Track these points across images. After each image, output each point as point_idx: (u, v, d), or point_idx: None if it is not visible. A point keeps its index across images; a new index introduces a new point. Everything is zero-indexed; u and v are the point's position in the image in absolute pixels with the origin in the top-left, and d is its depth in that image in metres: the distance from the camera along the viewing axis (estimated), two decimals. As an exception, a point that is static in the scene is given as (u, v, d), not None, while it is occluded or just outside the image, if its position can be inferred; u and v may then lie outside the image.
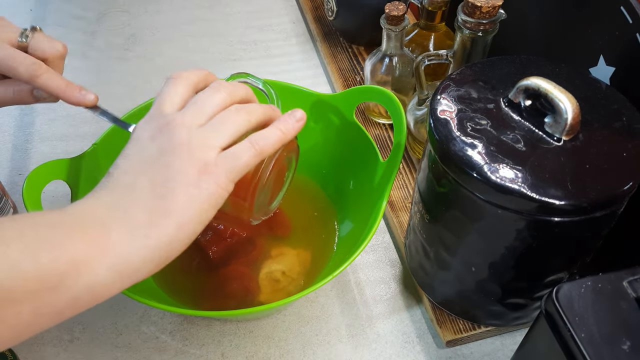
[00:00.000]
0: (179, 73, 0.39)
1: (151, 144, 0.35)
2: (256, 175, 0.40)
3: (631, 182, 0.36)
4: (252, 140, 0.36)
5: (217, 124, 0.36)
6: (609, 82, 0.47)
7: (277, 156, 0.41)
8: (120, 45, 0.86)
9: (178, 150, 0.34)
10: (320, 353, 0.52)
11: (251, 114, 0.38)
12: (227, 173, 0.35)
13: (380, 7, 0.61)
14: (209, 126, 0.36)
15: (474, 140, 0.38)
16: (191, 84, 0.39)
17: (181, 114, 0.36)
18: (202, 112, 0.36)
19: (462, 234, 0.43)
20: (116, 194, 0.33)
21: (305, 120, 0.40)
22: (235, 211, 0.42)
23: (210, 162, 0.34)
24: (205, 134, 0.35)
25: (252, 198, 0.40)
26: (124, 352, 0.52)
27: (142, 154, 0.35)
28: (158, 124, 0.35)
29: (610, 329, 0.31)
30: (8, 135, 0.72)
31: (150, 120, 0.36)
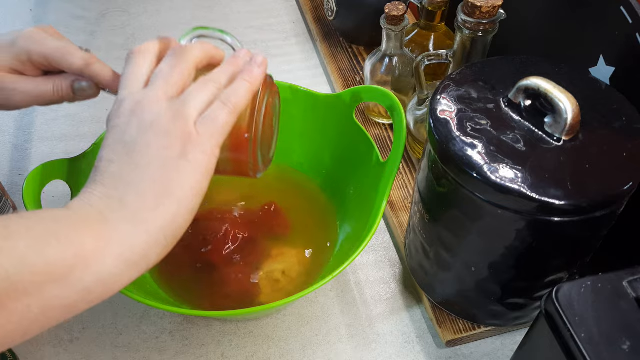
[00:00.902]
0: (137, 47, 0.38)
1: (128, 128, 0.34)
2: (250, 130, 0.39)
3: (631, 182, 0.36)
4: (222, 99, 0.36)
5: (189, 95, 0.36)
6: (609, 82, 0.47)
7: (265, 103, 0.40)
8: (120, 45, 0.86)
9: (155, 126, 0.34)
10: (320, 353, 0.52)
11: (218, 81, 0.37)
12: (209, 138, 0.34)
13: (380, 7, 0.61)
14: (181, 99, 0.35)
15: (474, 140, 0.38)
16: (153, 56, 0.38)
17: (149, 90, 0.35)
18: (168, 83, 0.36)
19: (462, 234, 0.43)
20: (108, 185, 0.33)
21: (266, 63, 0.40)
22: (238, 170, 0.41)
23: (191, 132, 0.34)
24: (178, 106, 0.35)
25: (254, 153, 0.40)
26: (124, 352, 0.52)
27: (122, 140, 0.34)
28: (129, 105, 0.35)
29: (610, 329, 0.31)
30: (8, 135, 0.72)
31: (121, 104, 0.35)
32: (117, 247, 0.31)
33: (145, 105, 0.34)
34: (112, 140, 0.34)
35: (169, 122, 0.34)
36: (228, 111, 0.36)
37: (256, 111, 0.40)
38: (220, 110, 0.35)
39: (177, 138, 0.33)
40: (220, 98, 0.36)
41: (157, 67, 0.37)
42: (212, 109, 0.35)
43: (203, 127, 0.34)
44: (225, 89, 0.37)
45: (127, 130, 0.34)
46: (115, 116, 0.35)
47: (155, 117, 0.34)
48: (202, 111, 0.35)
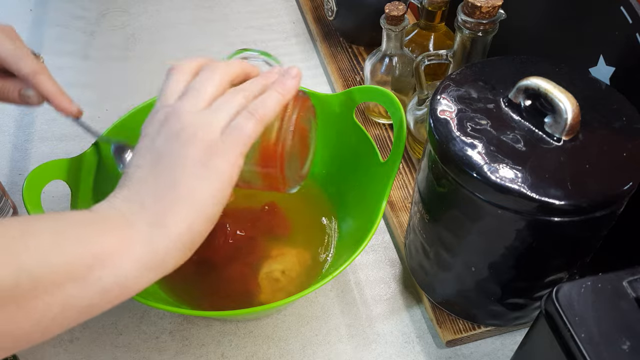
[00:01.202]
0: (177, 64, 0.39)
1: (158, 136, 0.35)
2: (279, 142, 0.39)
3: (631, 182, 0.36)
4: (250, 109, 0.36)
5: (218, 106, 0.36)
6: (609, 82, 0.47)
7: (294, 119, 0.40)
8: (120, 45, 0.86)
9: (182, 135, 0.34)
10: (320, 353, 0.52)
11: (248, 90, 0.38)
12: (233, 147, 0.35)
13: (380, 7, 0.61)
14: (209, 109, 0.36)
15: (474, 140, 0.38)
16: (190, 73, 0.39)
17: (181, 101, 0.36)
18: (199, 96, 0.36)
19: (462, 234, 0.43)
20: (132, 189, 0.34)
21: (301, 76, 0.40)
22: (268, 185, 0.41)
23: (215, 140, 0.34)
24: (206, 116, 0.35)
25: (281, 167, 0.40)
26: (124, 352, 0.52)
27: (151, 147, 0.35)
28: (162, 115, 0.36)
29: (610, 329, 0.31)
30: (8, 135, 0.72)
31: (155, 114, 0.37)
32: (137, 250, 0.31)
33: (175, 115, 0.35)
34: (142, 148, 0.36)
35: (195, 131, 0.34)
36: (254, 121, 0.36)
37: (284, 124, 0.39)
38: (246, 120, 0.36)
39: (201, 146, 0.34)
40: (248, 108, 0.36)
41: (191, 82, 0.38)
42: (239, 118, 0.36)
43: (228, 136, 0.35)
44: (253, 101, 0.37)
45: (156, 138, 0.35)
46: (148, 124, 0.37)
47: (183, 126, 0.35)
48: (229, 121, 0.36)
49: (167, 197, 0.33)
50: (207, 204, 0.34)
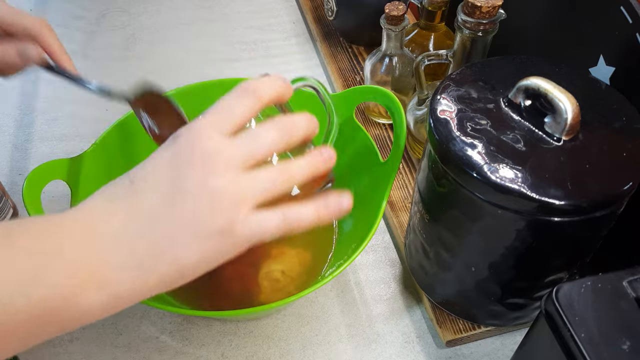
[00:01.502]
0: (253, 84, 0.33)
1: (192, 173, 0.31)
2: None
3: (631, 182, 0.36)
4: (285, 213, 0.32)
5: (259, 177, 0.31)
6: (609, 82, 0.47)
7: None
8: (120, 45, 0.86)
9: (212, 195, 0.30)
10: (320, 353, 0.52)
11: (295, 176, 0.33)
12: (248, 238, 0.32)
13: (380, 7, 0.61)
14: (251, 177, 0.31)
15: (474, 140, 0.38)
16: (261, 104, 0.33)
17: (232, 147, 0.31)
18: (251, 153, 0.31)
19: (462, 234, 0.43)
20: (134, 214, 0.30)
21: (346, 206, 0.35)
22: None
23: (237, 222, 0.31)
24: (244, 185, 0.31)
25: None
26: (124, 352, 0.52)
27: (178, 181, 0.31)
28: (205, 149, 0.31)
29: (610, 329, 0.31)
30: (8, 135, 0.72)
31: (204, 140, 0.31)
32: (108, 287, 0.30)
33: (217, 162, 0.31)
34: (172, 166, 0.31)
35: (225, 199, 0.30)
36: (280, 229, 0.32)
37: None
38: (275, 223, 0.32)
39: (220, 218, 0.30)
40: (284, 211, 0.32)
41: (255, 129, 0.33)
42: (269, 216, 0.32)
43: (250, 224, 0.31)
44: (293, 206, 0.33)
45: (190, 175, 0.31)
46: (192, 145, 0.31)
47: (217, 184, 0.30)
48: (258, 200, 0.31)
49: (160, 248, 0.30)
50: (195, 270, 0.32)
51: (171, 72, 0.81)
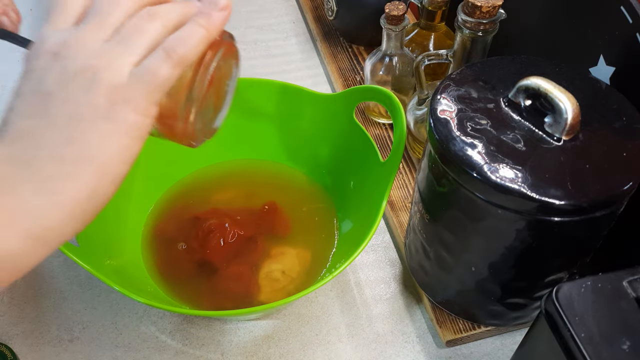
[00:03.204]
0: None
1: (47, 75, 0.28)
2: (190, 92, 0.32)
3: (631, 182, 0.36)
4: (167, 47, 0.29)
5: (126, 37, 0.29)
6: (609, 82, 0.47)
7: (212, 67, 0.33)
8: (120, 45, 0.86)
9: (80, 77, 0.28)
10: (320, 353, 0.52)
11: (165, 17, 0.30)
12: (145, 95, 0.28)
13: (380, 7, 0.61)
14: (115, 41, 0.29)
15: (474, 140, 0.38)
16: None
17: (80, 30, 0.29)
18: (104, 22, 0.29)
19: (462, 234, 0.43)
20: (16, 145, 0.27)
21: (230, 7, 0.32)
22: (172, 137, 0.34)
23: (122, 85, 0.28)
24: (112, 51, 0.28)
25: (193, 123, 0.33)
26: (124, 351, 0.52)
27: (38, 90, 0.28)
28: (53, 45, 0.28)
29: (610, 329, 0.31)
30: (8, 135, 0.72)
31: (43, 42, 0.29)
32: (23, 222, 0.26)
33: (71, 48, 0.28)
34: (27, 88, 0.29)
35: (96, 72, 0.28)
36: (171, 64, 0.29)
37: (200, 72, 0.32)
38: (162, 62, 0.29)
39: (104, 92, 0.28)
40: (163, 45, 0.29)
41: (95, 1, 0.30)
42: (152, 58, 0.29)
43: (138, 80, 0.28)
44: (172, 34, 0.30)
45: (46, 77, 0.28)
46: (34, 57, 0.29)
47: (81, 65, 0.28)
48: (140, 59, 0.29)
49: (62, 156, 0.27)
50: (112, 163, 0.28)
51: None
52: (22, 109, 0.28)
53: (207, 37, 0.30)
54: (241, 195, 0.60)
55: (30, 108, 0.28)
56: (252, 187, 0.61)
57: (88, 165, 0.27)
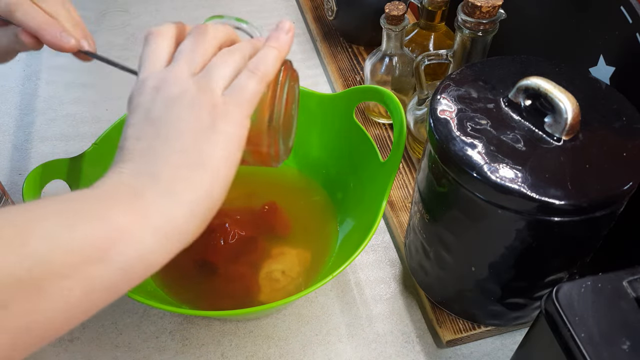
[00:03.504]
0: (155, 28, 0.36)
1: (153, 105, 0.33)
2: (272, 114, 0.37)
3: (631, 182, 0.36)
4: (250, 67, 0.35)
5: (213, 68, 0.34)
6: (609, 82, 0.47)
7: (286, 86, 0.38)
8: (120, 45, 0.86)
9: (183, 99, 0.33)
10: (320, 353, 0.52)
11: (243, 50, 0.36)
12: (238, 108, 0.33)
13: (380, 7, 0.61)
14: (205, 72, 0.34)
15: (474, 140, 0.38)
16: (172, 37, 0.37)
17: (172, 67, 0.34)
18: (191, 60, 0.34)
19: (462, 234, 0.43)
20: (136, 161, 0.32)
21: (293, 29, 0.38)
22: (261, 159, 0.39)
23: (218, 103, 0.33)
24: (204, 79, 0.34)
25: (276, 141, 0.38)
26: (124, 351, 0.52)
27: (148, 117, 0.33)
28: (152, 83, 0.34)
29: (610, 329, 0.31)
30: (8, 135, 0.72)
31: (144, 83, 0.34)
32: (154, 220, 0.29)
33: (169, 80, 0.33)
34: (137, 119, 0.33)
35: (195, 95, 0.33)
36: (256, 80, 0.34)
37: (277, 94, 0.37)
38: (247, 79, 0.34)
39: (205, 110, 0.32)
40: (247, 66, 0.35)
41: (180, 46, 0.36)
42: (239, 78, 0.34)
43: (230, 97, 0.33)
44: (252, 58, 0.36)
45: (153, 107, 0.33)
46: (137, 94, 0.34)
47: (182, 90, 0.33)
48: (228, 82, 0.34)
49: (179, 164, 0.31)
50: (223, 168, 0.32)
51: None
52: (135, 135, 0.33)
53: (280, 56, 0.36)
54: (241, 195, 0.60)
55: (143, 132, 0.32)
56: (252, 187, 0.60)
57: (201, 169, 0.32)
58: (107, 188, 0.30)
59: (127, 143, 0.33)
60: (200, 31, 0.36)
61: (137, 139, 0.32)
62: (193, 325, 0.54)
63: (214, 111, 0.33)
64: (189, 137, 0.32)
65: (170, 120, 0.32)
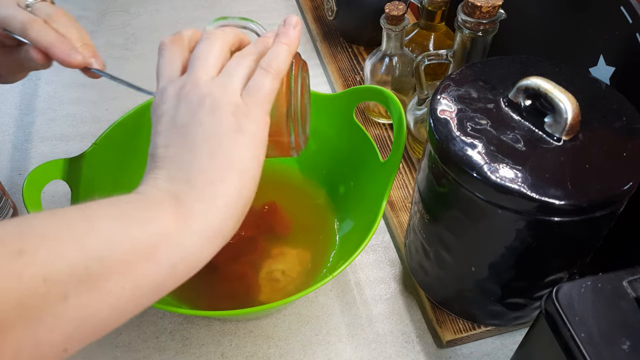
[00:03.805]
0: (168, 39, 0.38)
1: (177, 112, 0.34)
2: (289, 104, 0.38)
3: (631, 182, 0.36)
4: (264, 65, 0.36)
5: (229, 71, 0.36)
6: (609, 82, 0.47)
7: (300, 78, 0.40)
8: (120, 45, 0.86)
9: (205, 103, 0.34)
10: (320, 353, 0.52)
11: (255, 50, 0.37)
12: (258, 106, 0.35)
13: (380, 7, 0.61)
14: (221, 75, 0.36)
15: (474, 140, 0.38)
16: (185, 46, 0.38)
17: (189, 74, 0.36)
18: (206, 65, 0.36)
19: (462, 234, 0.43)
20: (170, 168, 0.33)
21: (301, 23, 0.39)
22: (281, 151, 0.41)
23: (239, 103, 0.34)
24: (221, 82, 0.35)
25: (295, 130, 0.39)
26: (124, 351, 0.52)
27: (173, 124, 0.34)
28: (173, 91, 0.35)
29: (610, 329, 0.31)
30: (8, 135, 0.72)
31: (164, 92, 0.36)
32: (195, 223, 0.31)
33: (189, 87, 0.35)
34: (163, 127, 0.35)
35: (216, 99, 0.34)
36: (271, 77, 0.35)
37: (292, 86, 0.38)
38: (263, 77, 0.35)
39: (227, 112, 0.34)
40: (260, 65, 0.36)
41: (193, 53, 0.37)
42: (254, 77, 0.35)
43: (249, 97, 0.35)
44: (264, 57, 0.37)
45: (177, 114, 0.34)
46: (160, 103, 0.35)
47: (202, 96, 0.34)
48: (245, 82, 0.35)
49: (211, 168, 0.33)
50: (249, 167, 0.34)
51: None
52: (164, 142, 0.34)
53: (291, 51, 0.37)
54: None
55: (171, 139, 0.34)
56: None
57: (232, 170, 0.33)
58: (148, 194, 0.32)
59: (157, 151, 0.34)
60: (211, 36, 0.37)
61: (166, 146, 0.34)
62: (193, 325, 0.54)
63: (236, 112, 0.34)
64: (215, 141, 0.33)
65: (196, 125, 0.33)
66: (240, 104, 0.34)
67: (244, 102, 0.34)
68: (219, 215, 0.32)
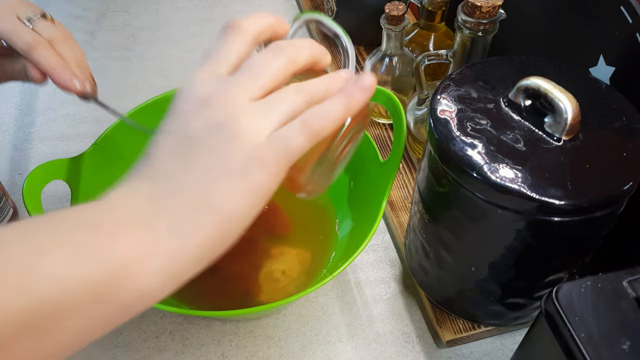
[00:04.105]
0: (234, 22, 0.32)
1: (195, 121, 0.30)
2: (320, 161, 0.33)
3: (631, 182, 0.36)
4: (305, 120, 0.30)
5: (271, 102, 0.31)
6: (609, 82, 0.47)
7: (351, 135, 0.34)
8: (120, 45, 0.86)
9: (224, 128, 0.29)
10: (320, 353, 0.52)
11: (310, 93, 0.32)
12: (277, 160, 0.30)
13: (380, 7, 0.61)
14: (261, 103, 0.30)
15: (473, 140, 0.38)
16: (252, 37, 0.32)
17: (232, 83, 0.30)
18: (255, 81, 0.31)
19: (462, 234, 0.43)
20: (159, 184, 0.29)
21: (375, 86, 0.33)
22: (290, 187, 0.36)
23: (259, 146, 0.29)
24: (255, 111, 0.30)
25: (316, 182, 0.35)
26: (124, 351, 0.52)
27: (185, 133, 0.30)
28: (203, 93, 0.30)
29: (610, 329, 0.31)
30: (8, 135, 0.72)
31: (195, 88, 0.31)
32: (158, 260, 0.28)
33: (220, 98, 0.30)
34: (173, 128, 0.31)
35: (239, 128, 0.29)
36: (306, 137, 0.30)
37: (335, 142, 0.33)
38: (297, 134, 0.30)
39: (242, 149, 0.29)
40: (302, 117, 0.31)
41: (251, 59, 0.32)
42: (289, 127, 0.30)
43: (273, 145, 0.30)
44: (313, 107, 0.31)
45: (193, 122, 0.30)
46: (183, 99, 0.31)
47: (226, 117, 0.29)
48: (279, 125, 0.30)
49: (198, 203, 0.29)
50: (237, 219, 0.30)
51: (171, 71, 0.81)
52: (166, 147, 0.30)
53: (344, 116, 0.32)
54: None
55: (174, 148, 0.30)
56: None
57: (216, 215, 0.29)
58: (120, 208, 0.29)
59: (157, 154, 0.30)
60: (278, 49, 0.32)
61: (165, 154, 0.30)
62: (193, 325, 0.54)
63: (251, 154, 0.29)
64: (218, 176, 0.29)
65: (204, 147, 0.29)
66: (259, 146, 0.29)
67: (265, 146, 0.29)
68: (188, 256, 0.29)
